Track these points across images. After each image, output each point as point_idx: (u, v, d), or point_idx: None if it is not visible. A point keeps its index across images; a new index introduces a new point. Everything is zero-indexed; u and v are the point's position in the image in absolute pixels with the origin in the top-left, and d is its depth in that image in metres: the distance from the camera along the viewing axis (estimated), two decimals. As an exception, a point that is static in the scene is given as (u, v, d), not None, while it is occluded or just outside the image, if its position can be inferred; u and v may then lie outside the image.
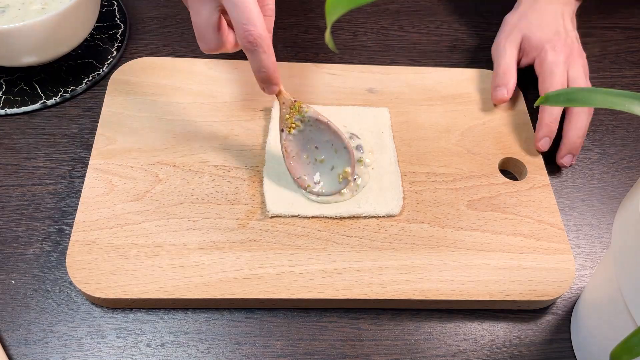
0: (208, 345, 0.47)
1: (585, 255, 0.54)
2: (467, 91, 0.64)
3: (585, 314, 0.47)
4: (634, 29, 0.76)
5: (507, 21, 0.67)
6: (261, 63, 0.47)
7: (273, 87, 0.50)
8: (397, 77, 0.64)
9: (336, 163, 0.53)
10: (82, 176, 0.55)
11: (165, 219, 0.51)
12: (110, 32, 0.67)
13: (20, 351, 0.46)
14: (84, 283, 0.47)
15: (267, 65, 0.47)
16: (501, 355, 0.48)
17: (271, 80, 0.49)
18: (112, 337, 0.47)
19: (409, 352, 0.48)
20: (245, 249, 0.50)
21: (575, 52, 0.62)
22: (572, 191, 0.59)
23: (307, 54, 0.69)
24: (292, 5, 0.74)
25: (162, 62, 0.62)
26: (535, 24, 0.64)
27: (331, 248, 0.50)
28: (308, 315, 0.49)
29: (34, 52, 0.58)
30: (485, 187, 0.56)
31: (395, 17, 0.74)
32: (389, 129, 0.59)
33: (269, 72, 0.48)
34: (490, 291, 0.49)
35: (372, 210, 0.53)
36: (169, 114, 0.58)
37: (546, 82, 0.60)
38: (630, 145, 0.63)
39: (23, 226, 0.52)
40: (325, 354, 0.47)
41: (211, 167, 0.55)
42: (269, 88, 0.50)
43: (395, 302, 0.49)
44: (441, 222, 0.53)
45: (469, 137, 0.59)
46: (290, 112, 0.52)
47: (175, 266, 0.48)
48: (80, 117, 0.60)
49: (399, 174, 0.55)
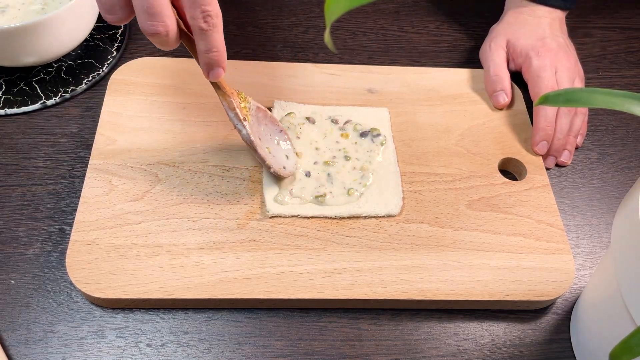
0: (208, 345, 0.47)
1: (585, 255, 0.55)
2: (466, 91, 0.64)
3: (584, 314, 0.47)
4: (634, 29, 0.76)
5: (492, 30, 0.68)
6: (214, 43, 0.45)
7: (220, 71, 0.47)
8: (397, 77, 0.64)
9: (279, 149, 0.54)
10: (82, 176, 0.55)
11: (165, 219, 0.51)
12: (110, 32, 0.67)
13: (20, 351, 0.46)
14: (83, 283, 0.47)
15: (219, 44, 0.45)
16: (501, 355, 0.48)
17: (220, 61, 0.47)
18: (112, 337, 0.47)
19: (408, 352, 0.48)
20: (245, 249, 0.50)
21: (562, 55, 0.62)
22: (571, 191, 0.59)
23: (307, 54, 0.69)
24: (292, 5, 0.74)
25: (162, 62, 0.62)
26: (520, 32, 0.64)
27: (331, 248, 0.50)
28: (308, 315, 0.49)
29: (34, 52, 0.58)
30: (485, 187, 0.56)
31: (395, 17, 0.74)
32: (389, 129, 0.59)
33: (220, 52, 0.46)
34: (490, 291, 0.49)
35: (372, 210, 0.53)
36: (169, 114, 0.58)
37: (535, 88, 0.61)
38: (629, 145, 0.63)
39: (23, 226, 0.52)
40: (325, 354, 0.47)
41: (211, 167, 0.55)
42: (215, 72, 0.47)
43: (394, 302, 0.49)
44: (441, 222, 0.53)
45: (468, 137, 0.59)
46: (242, 102, 0.51)
47: (175, 266, 0.48)
48: (80, 117, 0.60)
49: (399, 174, 0.55)
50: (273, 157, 0.53)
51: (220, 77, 0.48)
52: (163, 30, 0.43)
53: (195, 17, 0.43)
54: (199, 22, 0.43)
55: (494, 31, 0.67)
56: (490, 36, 0.67)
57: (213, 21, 0.43)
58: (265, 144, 0.53)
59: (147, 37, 0.43)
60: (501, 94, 0.62)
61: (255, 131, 0.52)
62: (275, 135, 0.55)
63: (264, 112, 0.54)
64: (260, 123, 0.53)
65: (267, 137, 0.54)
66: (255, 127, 0.52)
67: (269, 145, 0.53)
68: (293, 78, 0.62)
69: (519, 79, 0.64)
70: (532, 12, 0.65)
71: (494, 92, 0.62)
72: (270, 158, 0.52)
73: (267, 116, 0.54)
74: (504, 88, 0.62)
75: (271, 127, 0.54)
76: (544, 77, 0.60)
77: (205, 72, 0.47)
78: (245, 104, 0.51)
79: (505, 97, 0.62)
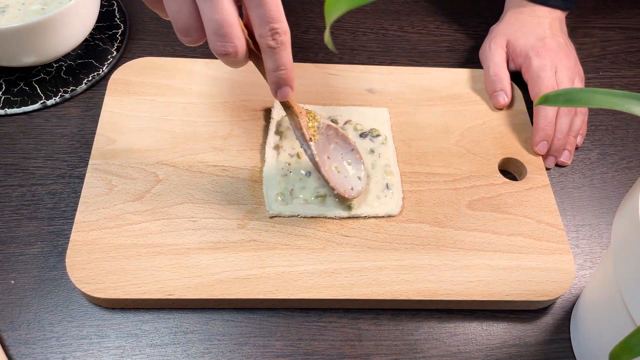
0: (208, 345, 0.47)
1: (585, 255, 0.55)
2: (466, 91, 0.64)
3: (584, 314, 0.48)
4: (634, 29, 0.76)
5: (492, 30, 0.68)
6: (282, 61, 0.44)
7: (288, 89, 0.46)
8: (397, 77, 0.64)
9: (348, 168, 0.53)
10: (82, 176, 0.55)
11: (165, 219, 0.51)
12: (110, 32, 0.67)
13: (20, 351, 0.46)
14: (83, 283, 0.47)
15: (287, 62, 0.45)
16: (501, 355, 0.48)
17: (289, 80, 0.46)
18: (112, 337, 0.47)
19: (408, 352, 0.48)
20: (245, 249, 0.50)
21: (562, 55, 0.62)
22: (571, 191, 0.59)
23: (307, 54, 0.69)
24: (292, 5, 0.74)
25: (162, 62, 0.62)
26: (519, 32, 0.64)
27: (331, 248, 0.50)
28: (308, 315, 0.49)
29: (34, 52, 0.58)
30: (485, 187, 0.56)
31: (395, 17, 0.74)
32: (389, 129, 0.59)
33: (288, 71, 0.45)
34: (490, 291, 0.49)
35: (372, 210, 0.53)
36: (169, 114, 0.58)
37: (535, 88, 0.61)
38: (629, 145, 0.63)
39: (23, 226, 0.52)
40: (325, 354, 0.47)
41: (211, 167, 0.55)
42: (284, 90, 0.46)
43: (394, 302, 0.49)
44: (441, 222, 0.53)
45: (468, 138, 0.59)
46: (310, 121, 0.51)
47: (175, 266, 0.48)
48: (80, 117, 0.60)
49: (399, 174, 0.55)
50: (340, 178, 0.52)
51: (289, 96, 0.47)
52: (232, 51, 0.42)
53: (264, 35, 0.43)
54: (268, 40, 0.43)
55: (494, 31, 0.67)
56: (490, 36, 0.67)
57: (281, 39, 0.43)
58: (334, 163, 0.52)
59: (218, 56, 0.43)
60: (501, 94, 0.62)
61: (323, 150, 0.52)
62: (347, 155, 0.54)
63: (335, 130, 0.53)
64: (330, 141, 0.53)
65: (337, 156, 0.53)
66: (324, 146, 0.52)
67: (337, 164, 0.53)
68: (293, 78, 0.62)
69: (519, 79, 0.64)
70: (532, 12, 0.65)
71: (494, 92, 0.62)
72: (336, 179, 0.52)
73: (338, 134, 0.53)
74: (504, 88, 0.62)
75: (343, 145, 0.54)
76: (543, 77, 0.60)
77: (274, 91, 0.47)
78: (313, 122, 0.51)
79: (505, 97, 0.62)
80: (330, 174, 0.52)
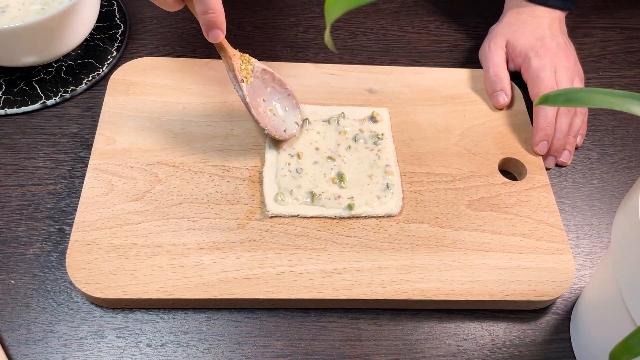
0: (208, 345, 0.47)
1: (585, 255, 0.55)
2: (466, 91, 0.64)
3: (584, 314, 0.48)
4: (634, 29, 0.76)
5: (491, 30, 0.68)
6: (210, 4, 0.47)
7: (218, 32, 0.49)
8: (397, 77, 0.64)
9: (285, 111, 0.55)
10: (82, 176, 0.55)
11: (165, 219, 0.51)
12: (110, 32, 0.67)
13: (20, 351, 0.46)
14: (83, 283, 0.47)
15: (215, 6, 0.48)
16: (501, 355, 0.48)
17: (217, 23, 0.49)
18: (112, 337, 0.47)
19: (408, 352, 0.48)
20: (244, 249, 0.50)
21: (561, 55, 0.62)
22: (571, 191, 0.59)
23: (307, 54, 0.69)
24: (292, 5, 0.74)
25: (162, 62, 0.62)
26: (519, 32, 0.64)
27: (331, 248, 0.50)
28: (308, 315, 0.49)
29: (34, 52, 0.58)
30: (485, 187, 0.56)
31: (395, 17, 0.74)
32: (389, 129, 0.59)
33: (217, 14, 0.48)
34: (490, 291, 0.49)
35: (372, 210, 0.53)
36: (169, 114, 0.58)
37: (535, 88, 0.61)
38: (629, 145, 0.63)
39: (23, 226, 0.52)
40: (325, 354, 0.47)
41: (211, 167, 0.55)
42: (214, 33, 0.49)
43: (394, 302, 0.49)
44: (441, 222, 0.53)
45: (468, 137, 0.59)
46: (243, 63, 0.53)
47: (174, 266, 0.48)
48: (80, 117, 0.60)
49: (399, 174, 0.55)
50: (273, 119, 0.53)
51: (219, 38, 0.50)
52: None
53: None
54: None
55: (494, 31, 0.67)
56: (490, 36, 0.67)
57: None
58: (269, 106, 0.54)
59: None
60: (501, 94, 0.62)
61: (259, 93, 0.53)
62: (284, 100, 0.55)
63: (271, 75, 0.55)
64: (267, 85, 0.54)
65: (272, 99, 0.54)
66: (260, 89, 0.53)
67: (272, 107, 0.54)
68: (293, 78, 0.62)
69: (519, 79, 0.64)
70: (532, 12, 0.65)
71: (494, 92, 0.62)
72: (268, 120, 0.53)
73: (274, 79, 0.55)
74: (504, 88, 0.62)
75: (279, 89, 0.55)
76: (543, 77, 0.60)
77: (205, 33, 0.50)
78: (247, 65, 0.52)
79: (505, 97, 0.62)
80: (263, 116, 0.53)
